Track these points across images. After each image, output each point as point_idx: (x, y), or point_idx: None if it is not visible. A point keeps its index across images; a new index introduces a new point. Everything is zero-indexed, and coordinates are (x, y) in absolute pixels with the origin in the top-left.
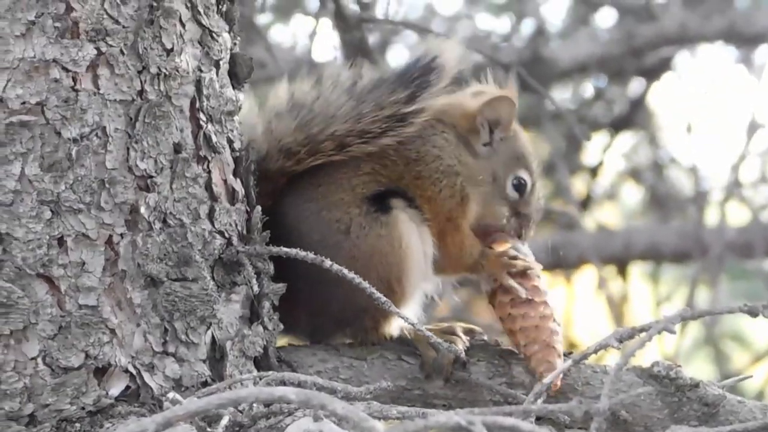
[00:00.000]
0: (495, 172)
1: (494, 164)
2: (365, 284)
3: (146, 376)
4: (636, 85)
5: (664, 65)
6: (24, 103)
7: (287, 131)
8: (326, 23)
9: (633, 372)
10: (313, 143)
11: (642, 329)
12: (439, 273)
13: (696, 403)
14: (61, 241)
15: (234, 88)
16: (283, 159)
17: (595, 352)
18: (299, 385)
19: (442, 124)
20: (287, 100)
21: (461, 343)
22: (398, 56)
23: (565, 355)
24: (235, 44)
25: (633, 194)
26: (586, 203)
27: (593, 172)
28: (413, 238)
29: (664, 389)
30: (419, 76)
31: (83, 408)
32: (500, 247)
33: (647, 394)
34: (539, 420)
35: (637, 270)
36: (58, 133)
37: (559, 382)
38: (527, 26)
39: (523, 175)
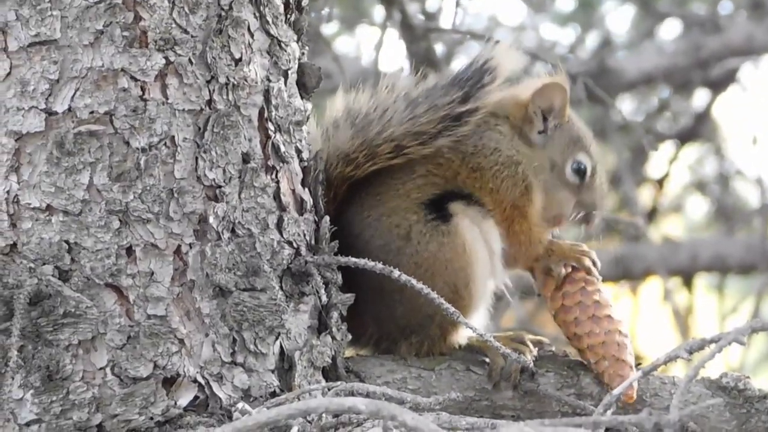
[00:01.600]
0: (553, 160)
1: (551, 152)
2: (433, 294)
3: (215, 387)
4: (701, 96)
5: (730, 77)
6: (92, 112)
7: (345, 138)
8: (392, 33)
9: (701, 383)
10: (370, 147)
11: (712, 341)
12: (510, 266)
13: (764, 414)
14: (129, 250)
15: (302, 97)
16: (342, 165)
17: (665, 363)
18: (368, 395)
19: (495, 118)
20: (344, 109)
21: (529, 353)
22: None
23: (636, 366)
24: (303, 54)
25: (698, 206)
26: (651, 215)
27: (659, 183)
28: (477, 243)
29: (732, 401)
30: (472, 77)
31: (152, 418)
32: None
33: (716, 405)
34: (608, 431)
35: (703, 282)
36: (127, 143)
37: (634, 393)
38: (592, 37)
39: (582, 158)
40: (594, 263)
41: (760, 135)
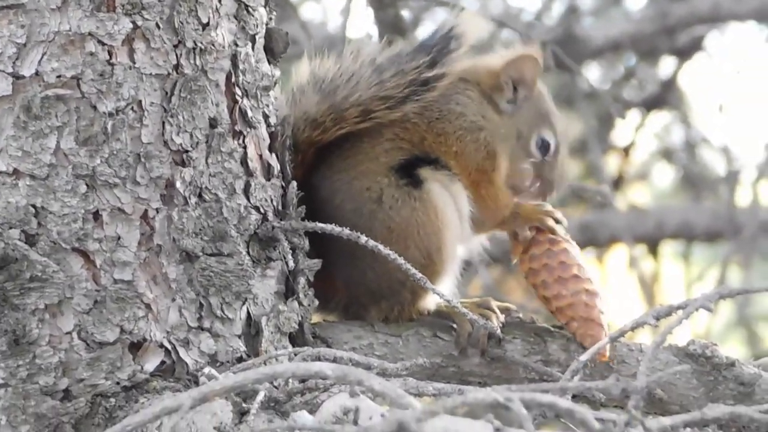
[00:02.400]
0: (519, 130)
1: (518, 122)
2: (401, 260)
3: (181, 352)
4: (668, 64)
5: (696, 45)
6: (59, 76)
7: (312, 103)
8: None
9: (669, 351)
10: (337, 111)
11: (679, 307)
12: (478, 230)
13: (732, 382)
14: (96, 215)
15: (269, 63)
16: (309, 129)
17: (632, 329)
18: (335, 360)
19: (465, 83)
20: (309, 74)
21: (496, 319)
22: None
23: None
24: (270, 19)
25: (665, 174)
26: (618, 183)
27: (625, 151)
28: (449, 207)
29: (699, 368)
30: (439, 43)
31: (118, 383)
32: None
33: (683, 372)
34: (574, 398)
35: (669, 250)
36: (94, 107)
37: (607, 352)
38: (559, 4)
39: (547, 135)
40: (558, 222)
41: (726, 103)
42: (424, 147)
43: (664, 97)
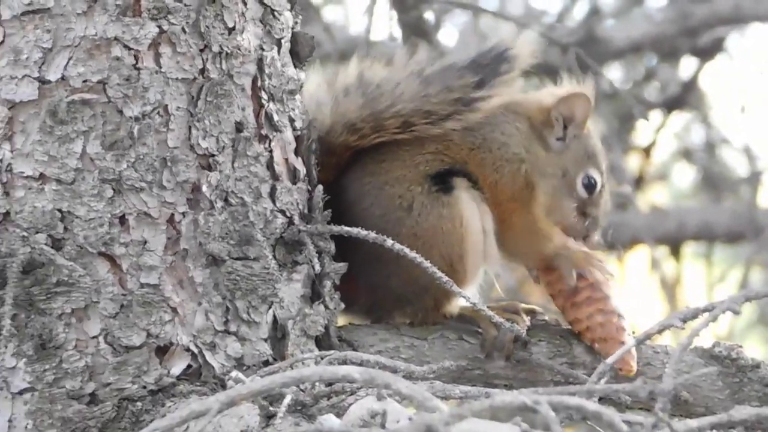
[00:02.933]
0: (565, 168)
1: (565, 160)
2: (427, 264)
3: (208, 355)
4: (688, 65)
5: (717, 46)
6: (85, 81)
7: (353, 107)
8: (383, 2)
9: (694, 353)
10: (377, 120)
11: (705, 309)
12: (514, 260)
13: (757, 383)
14: (122, 219)
15: (295, 66)
16: (347, 134)
17: (659, 332)
18: (361, 364)
19: (516, 115)
20: (356, 76)
21: (522, 323)
22: (449, 36)
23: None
24: (296, 23)
25: (685, 175)
26: (638, 183)
27: (646, 152)
28: (474, 219)
29: (725, 370)
30: (490, 64)
31: (144, 387)
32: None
33: (708, 374)
34: (600, 400)
35: (690, 251)
36: (120, 112)
37: (634, 365)
38: (581, 5)
39: (594, 174)
40: (606, 273)
41: (747, 103)
42: (466, 168)
43: (685, 97)
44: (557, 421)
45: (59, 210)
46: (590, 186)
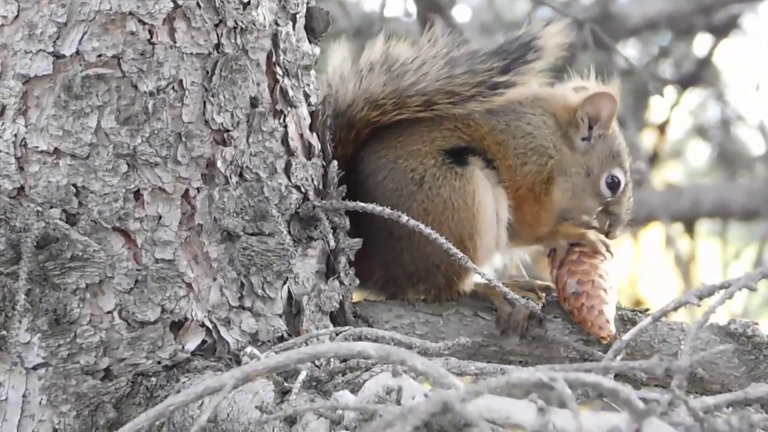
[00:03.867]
0: (590, 168)
1: (590, 160)
2: (441, 239)
3: (222, 331)
4: (703, 42)
5: (732, 23)
6: (100, 56)
7: (377, 83)
8: None
9: (709, 330)
10: (400, 97)
11: (722, 286)
12: (515, 242)
13: None
14: (137, 194)
15: (310, 42)
16: (368, 109)
17: (675, 309)
18: (376, 340)
19: (542, 109)
20: (382, 53)
21: (537, 300)
22: (463, 13)
23: (642, 312)
24: None
25: (699, 152)
26: (653, 160)
27: (660, 129)
28: (487, 197)
29: (741, 347)
30: (516, 51)
31: (159, 362)
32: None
33: (724, 352)
34: (616, 377)
35: (704, 228)
36: (135, 86)
37: (611, 331)
38: None
39: (618, 174)
40: (602, 250)
41: (761, 81)
42: (482, 145)
43: (700, 75)
44: (573, 398)
45: (74, 185)
46: (614, 185)
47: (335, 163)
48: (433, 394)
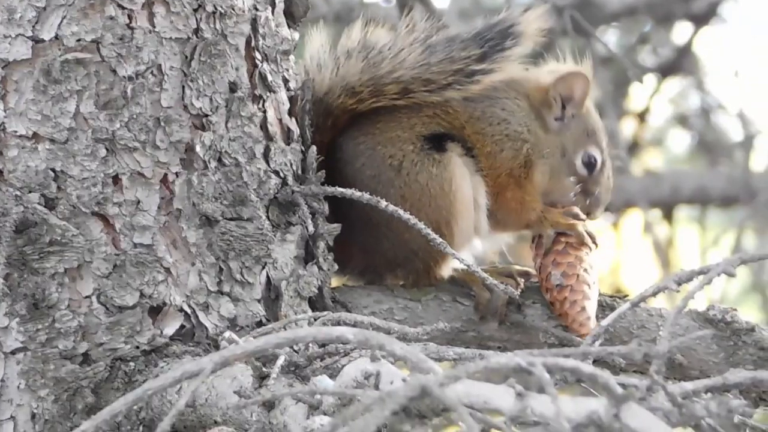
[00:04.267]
0: (564, 148)
1: (564, 139)
2: (420, 225)
3: (201, 316)
4: (683, 30)
5: (712, 11)
6: (79, 40)
7: (354, 70)
8: None
9: (688, 316)
10: (377, 85)
11: (701, 272)
12: (500, 229)
13: (752, 347)
14: (116, 179)
15: (289, 27)
16: (345, 96)
17: (654, 294)
18: (355, 325)
19: (515, 92)
20: (359, 40)
21: (516, 285)
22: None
23: (620, 298)
24: None
25: (680, 140)
26: (633, 148)
27: (640, 117)
28: (464, 184)
29: (719, 333)
30: (494, 38)
31: (137, 347)
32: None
33: (703, 337)
34: (594, 363)
35: (684, 214)
36: (114, 71)
37: (590, 326)
38: None
39: (594, 152)
40: (586, 237)
41: (741, 68)
42: (462, 134)
43: (680, 63)
44: (552, 383)
45: (52, 169)
46: (590, 164)
47: (314, 148)
48: (411, 379)
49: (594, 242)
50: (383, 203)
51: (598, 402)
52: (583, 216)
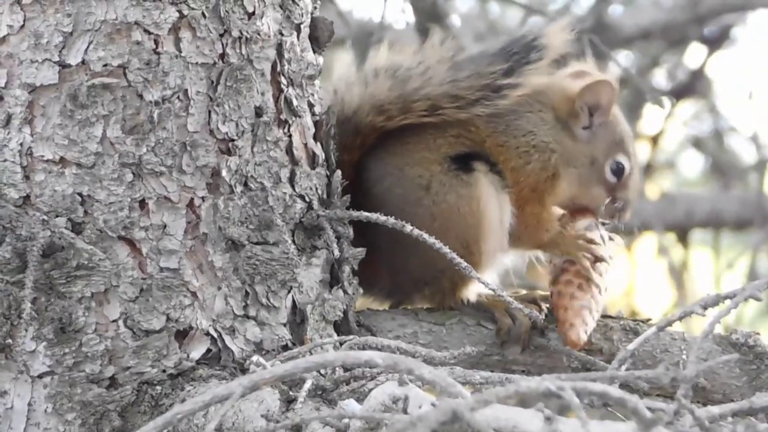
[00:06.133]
0: (593, 156)
1: (593, 148)
2: (446, 249)
3: (227, 340)
4: (696, 53)
5: (725, 34)
6: (106, 65)
7: (382, 88)
8: None
9: (711, 339)
10: (405, 102)
11: (727, 296)
12: (514, 246)
13: None
14: (142, 203)
15: (314, 52)
16: (374, 114)
17: (680, 319)
18: (381, 349)
19: (540, 104)
20: (386, 59)
21: (539, 310)
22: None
23: (644, 322)
24: (315, 8)
25: (693, 163)
26: (646, 171)
27: (654, 140)
28: (492, 202)
29: (742, 357)
30: (520, 52)
31: (164, 371)
32: (581, 224)
33: (726, 361)
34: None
35: (697, 238)
36: (140, 96)
37: (580, 339)
38: None
39: (622, 159)
40: (599, 259)
41: (755, 91)
42: (485, 148)
43: (693, 85)
44: (581, 407)
45: (79, 194)
46: (619, 171)
47: (339, 172)
48: (441, 403)
49: (601, 276)
50: (408, 227)
51: (626, 426)
52: (599, 241)
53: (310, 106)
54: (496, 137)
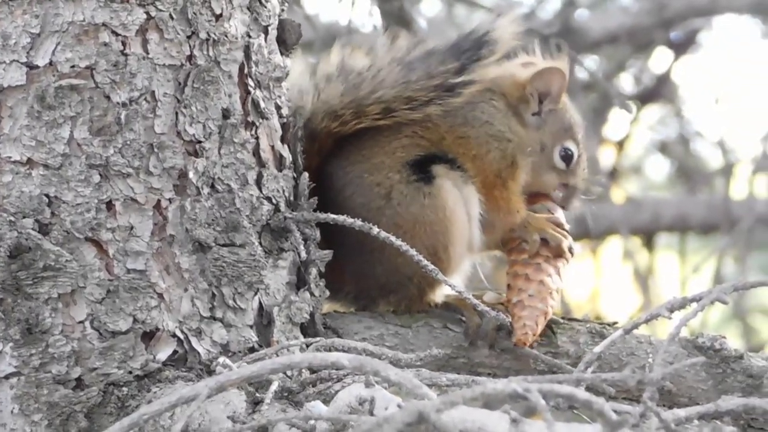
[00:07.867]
0: (543, 142)
1: (542, 134)
2: (413, 251)
3: (194, 341)
4: (662, 57)
5: (691, 39)
6: (73, 66)
7: (335, 94)
8: None
9: (677, 343)
10: (358, 107)
11: (693, 299)
12: (488, 233)
13: (740, 374)
14: (109, 205)
15: (282, 54)
16: (328, 120)
17: (646, 322)
18: (348, 351)
19: (491, 92)
20: (338, 64)
21: (505, 311)
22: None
23: (610, 325)
24: (283, 10)
25: (659, 167)
26: (612, 175)
27: (620, 144)
28: (458, 206)
29: (708, 360)
30: (470, 48)
31: (131, 372)
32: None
33: (692, 365)
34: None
35: (664, 242)
36: (108, 97)
37: (528, 339)
38: None
39: (571, 146)
40: (567, 242)
41: (721, 96)
42: (442, 146)
43: (659, 90)
44: (548, 409)
45: (46, 195)
46: (567, 157)
47: (306, 174)
48: (408, 405)
49: (571, 253)
50: (375, 230)
51: (592, 428)
52: (567, 226)
53: (278, 108)
54: (456, 130)
